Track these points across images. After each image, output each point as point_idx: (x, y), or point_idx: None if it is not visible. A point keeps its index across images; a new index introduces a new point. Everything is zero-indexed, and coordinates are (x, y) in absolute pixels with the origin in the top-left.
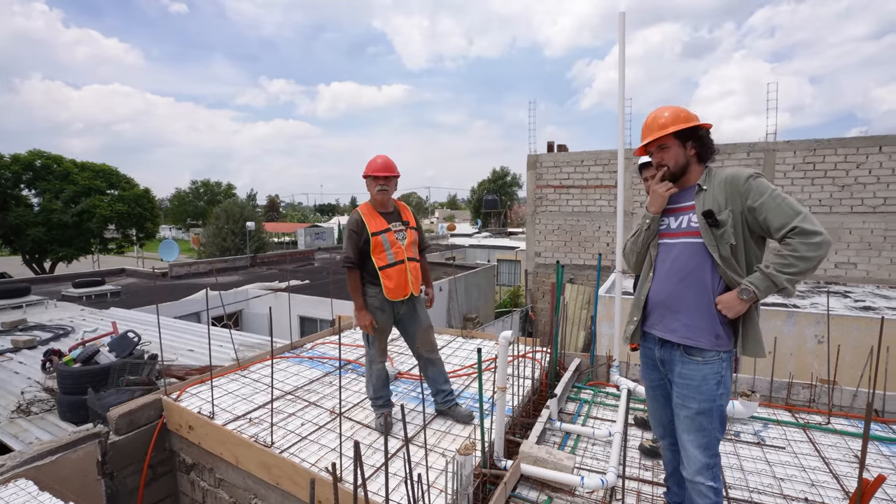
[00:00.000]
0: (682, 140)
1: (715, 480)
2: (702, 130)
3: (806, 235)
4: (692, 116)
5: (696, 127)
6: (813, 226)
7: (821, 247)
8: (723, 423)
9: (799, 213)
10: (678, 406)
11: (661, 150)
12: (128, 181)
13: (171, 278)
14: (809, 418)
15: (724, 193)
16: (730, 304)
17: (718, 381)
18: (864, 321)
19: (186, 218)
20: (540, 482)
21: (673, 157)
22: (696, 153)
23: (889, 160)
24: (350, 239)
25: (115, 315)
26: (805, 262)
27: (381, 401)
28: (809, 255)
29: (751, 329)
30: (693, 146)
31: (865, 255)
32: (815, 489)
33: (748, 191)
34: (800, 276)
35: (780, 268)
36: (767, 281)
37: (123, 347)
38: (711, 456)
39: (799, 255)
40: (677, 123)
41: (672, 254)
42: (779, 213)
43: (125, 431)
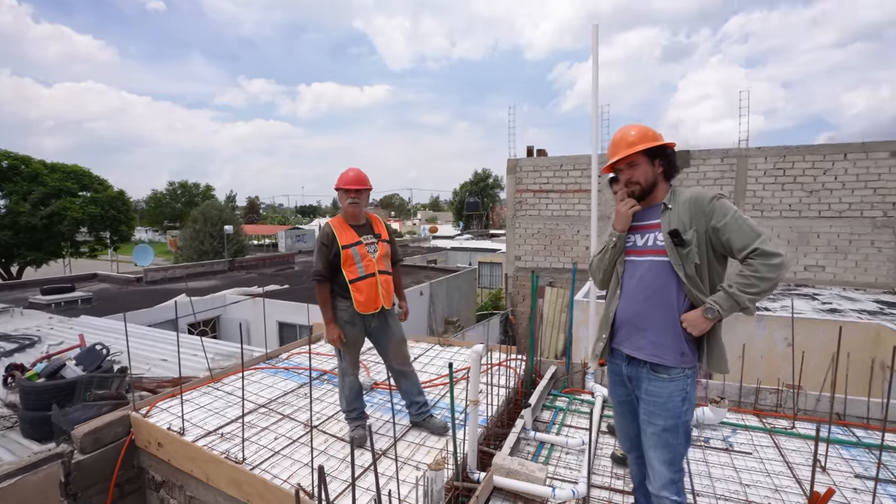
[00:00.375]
0: (651, 158)
1: (679, 495)
2: (668, 149)
3: (766, 257)
4: (659, 135)
5: (663, 145)
6: (773, 248)
7: (780, 268)
8: (688, 438)
9: (759, 235)
10: (645, 423)
11: (630, 168)
12: (101, 182)
13: (145, 283)
14: (776, 423)
15: (689, 213)
16: (695, 322)
17: (683, 398)
18: (829, 324)
19: (163, 220)
20: (513, 494)
21: (643, 174)
22: (663, 171)
23: (853, 167)
24: (320, 252)
25: (86, 323)
26: (766, 283)
27: (354, 413)
28: (770, 276)
29: (715, 345)
30: (661, 164)
31: (833, 258)
32: (778, 494)
33: (712, 211)
34: (760, 296)
35: (742, 288)
36: (731, 300)
37: (91, 360)
38: (676, 471)
39: (760, 275)
40: (646, 141)
41: (638, 272)
42: (741, 235)
43: (91, 450)
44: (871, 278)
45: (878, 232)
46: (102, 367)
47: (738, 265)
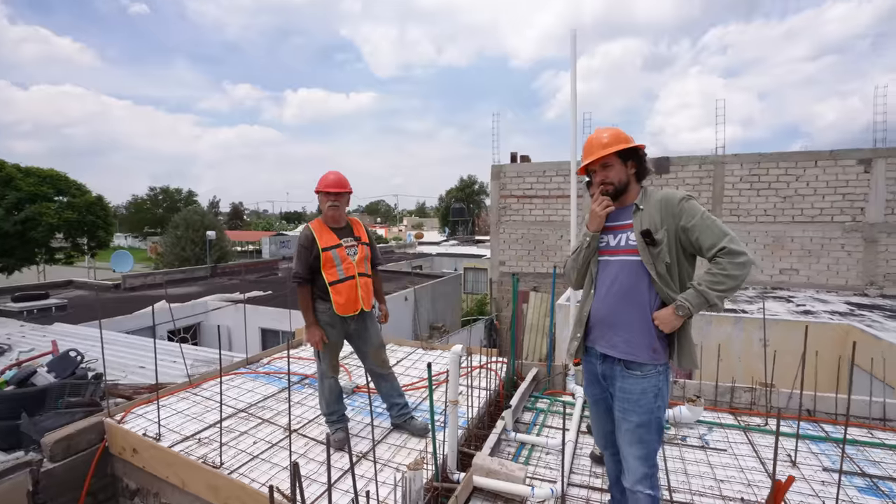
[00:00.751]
0: (624, 159)
1: (653, 489)
2: (640, 151)
3: (733, 255)
4: (630, 138)
5: (635, 147)
6: (739, 247)
7: (745, 266)
8: (660, 433)
9: (727, 234)
10: (619, 419)
11: (604, 169)
12: (78, 187)
13: (124, 290)
14: (750, 420)
15: (660, 213)
16: (666, 319)
17: (656, 394)
18: (802, 325)
19: (143, 226)
20: (493, 494)
21: (616, 175)
22: (635, 172)
23: (823, 173)
24: (300, 255)
25: (60, 331)
26: (733, 280)
27: (334, 416)
28: (736, 274)
29: (685, 343)
30: (633, 165)
31: (806, 261)
32: (750, 489)
33: (682, 212)
34: (728, 293)
35: (711, 285)
36: (700, 297)
37: (64, 367)
38: (650, 466)
39: (727, 273)
40: (619, 143)
41: (611, 271)
42: (710, 234)
43: (61, 458)
44: (841, 281)
45: (848, 236)
46: (76, 374)
47: (707, 264)
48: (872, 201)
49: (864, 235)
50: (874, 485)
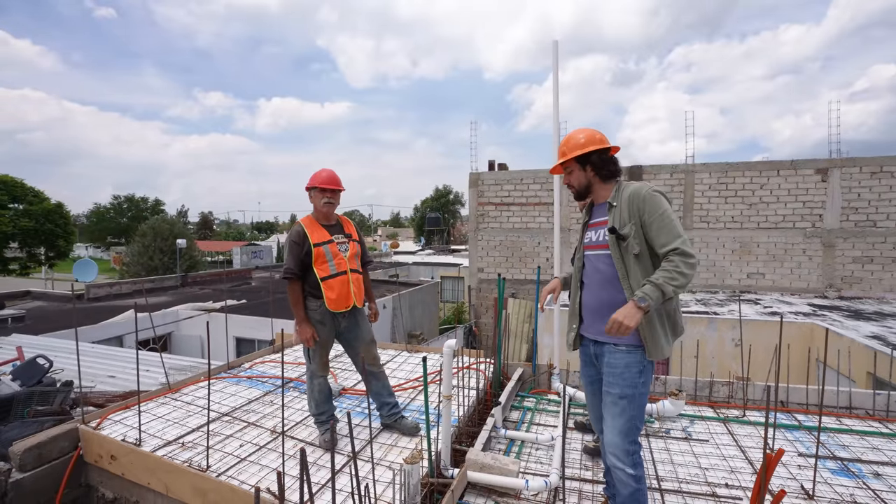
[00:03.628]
0: (582, 164)
1: (635, 468)
2: (594, 155)
3: (685, 256)
4: (589, 142)
5: (589, 153)
6: (690, 249)
7: (694, 267)
8: (642, 412)
9: (680, 236)
10: (605, 393)
11: (568, 174)
12: (36, 194)
13: (88, 300)
14: (729, 412)
15: (629, 208)
16: (629, 313)
17: (640, 370)
18: (771, 324)
19: (106, 236)
20: (487, 488)
21: (576, 179)
22: (594, 174)
23: (785, 182)
24: (291, 250)
25: (18, 342)
26: (684, 278)
27: (324, 416)
28: (688, 272)
29: (650, 334)
30: (591, 169)
31: (771, 265)
32: (733, 475)
33: (644, 206)
34: (680, 289)
35: (667, 280)
36: (658, 291)
37: (31, 375)
38: (631, 443)
39: (680, 270)
40: (574, 151)
41: (594, 264)
42: (666, 232)
43: (32, 467)
44: (804, 284)
45: (809, 241)
46: (43, 382)
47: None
48: (829, 208)
49: (823, 240)
50: (845, 466)
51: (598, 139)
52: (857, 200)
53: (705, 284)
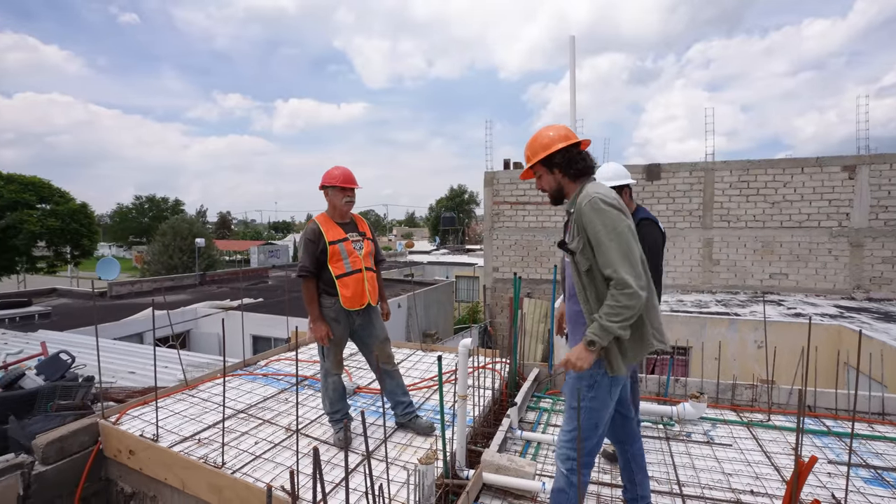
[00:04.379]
0: (549, 166)
1: (570, 472)
2: (558, 156)
3: (621, 287)
4: (553, 141)
5: (552, 154)
6: (627, 276)
7: (634, 297)
8: (591, 427)
9: (614, 262)
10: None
11: (538, 178)
12: (62, 195)
13: (110, 298)
14: (752, 416)
15: (577, 219)
16: (580, 355)
17: (591, 385)
18: (796, 326)
19: (128, 235)
20: (502, 490)
21: (546, 183)
22: (562, 175)
23: (810, 180)
24: (307, 248)
25: (44, 338)
26: (628, 310)
27: (338, 415)
28: (630, 304)
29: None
30: (559, 170)
31: (795, 265)
32: (759, 481)
33: (583, 220)
34: (627, 322)
35: (609, 317)
36: (603, 331)
37: (54, 370)
38: (572, 449)
39: (621, 304)
40: (538, 154)
41: (568, 271)
42: (602, 255)
43: (54, 460)
44: (829, 285)
45: (835, 241)
46: (66, 377)
47: None
48: (857, 207)
49: (850, 240)
50: (879, 475)
51: (562, 136)
52: (888, 198)
53: (725, 285)
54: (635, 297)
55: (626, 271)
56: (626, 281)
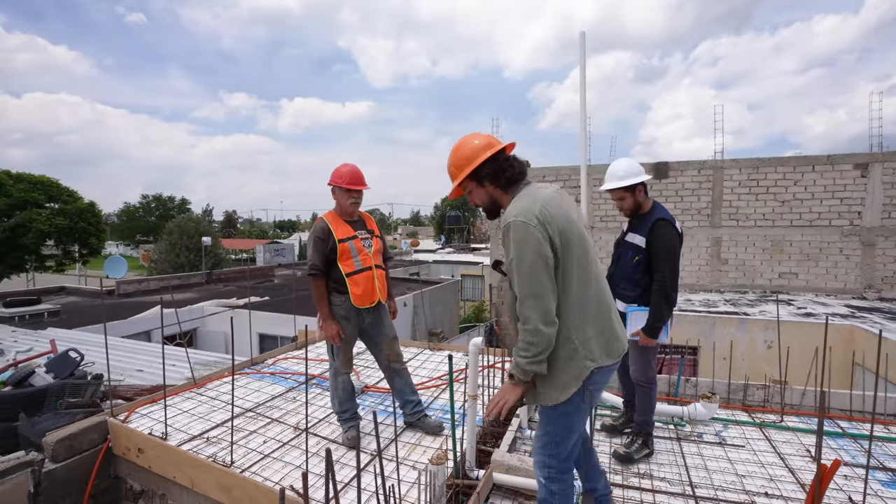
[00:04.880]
0: (478, 179)
1: (549, 481)
2: (486, 168)
3: (523, 321)
4: (476, 152)
5: (479, 166)
6: (528, 311)
7: (536, 333)
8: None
9: (520, 294)
10: None
11: (468, 193)
12: (70, 194)
13: (118, 296)
14: (765, 417)
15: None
16: (505, 392)
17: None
18: (807, 326)
19: (136, 234)
20: (513, 491)
21: (478, 197)
22: (494, 186)
23: (821, 178)
24: (316, 246)
25: (53, 336)
26: (535, 347)
27: (347, 414)
28: (533, 340)
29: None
30: (489, 182)
31: (805, 265)
32: (773, 483)
33: (504, 245)
34: (539, 357)
35: (519, 352)
36: (518, 367)
37: (64, 367)
38: (548, 455)
39: (527, 340)
40: (462, 170)
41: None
42: (515, 281)
43: (63, 458)
44: (840, 284)
45: (846, 240)
46: (75, 375)
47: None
48: (869, 205)
49: (862, 239)
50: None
51: (485, 144)
52: None
53: (734, 284)
54: (537, 333)
55: (527, 308)
56: (526, 315)
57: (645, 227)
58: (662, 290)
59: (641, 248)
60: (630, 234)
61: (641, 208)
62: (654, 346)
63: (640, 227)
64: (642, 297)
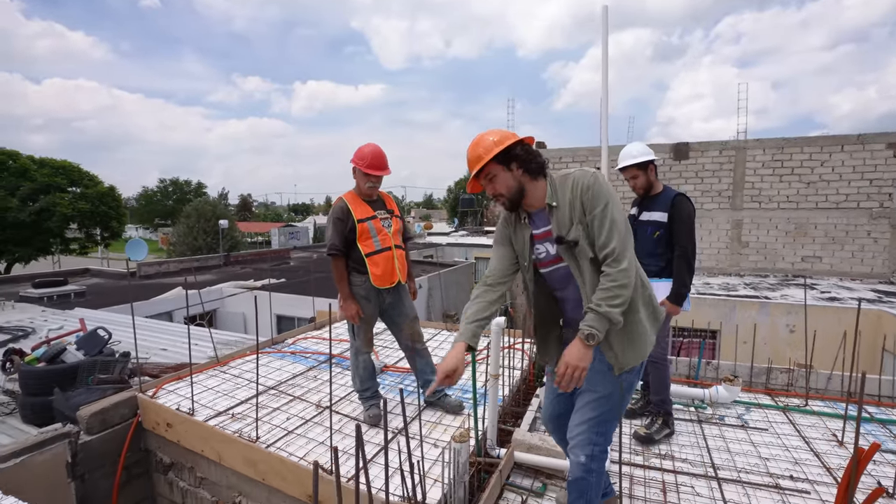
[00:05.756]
0: (506, 163)
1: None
2: (518, 148)
3: (619, 261)
4: (505, 138)
5: (509, 147)
6: (626, 252)
7: (628, 274)
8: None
9: (613, 238)
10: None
11: (490, 182)
12: (91, 178)
13: (139, 278)
14: (788, 401)
15: (570, 204)
16: (579, 354)
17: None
18: (831, 310)
19: (154, 217)
20: (534, 469)
21: (503, 183)
22: (522, 171)
23: (850, 158)
24: (336, 226)
25: (81, 316)
26: (626, 290)
27: (368, 392)
28: (625, 282)
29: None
30: (518, 166)
31: (830, 248)
32: (798, 467)
33: (589, 199)
34: (623, 307)
35: (609, 302)
36: (604, 319)
37: (93, 345)
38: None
39: (619, 283)
40: (491, 151)
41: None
42: (605, 231)
43: (97, 431)
44: (866, 268)
45: (875, 223)
46: (104, 352)
47: None
48: None
49: (892, 222)
50: None
51: (510, 134)
52: None
53: (754, 268)
54: (628, 274)
55: (625, 249)
56: (623, 255)
57: (664, 204)
58: (685, 258)
59: (662, 223)
60: (645, 213)
61: (654, 188)
62: (668, 322)
63: (659, 204)
64: (665, 270)
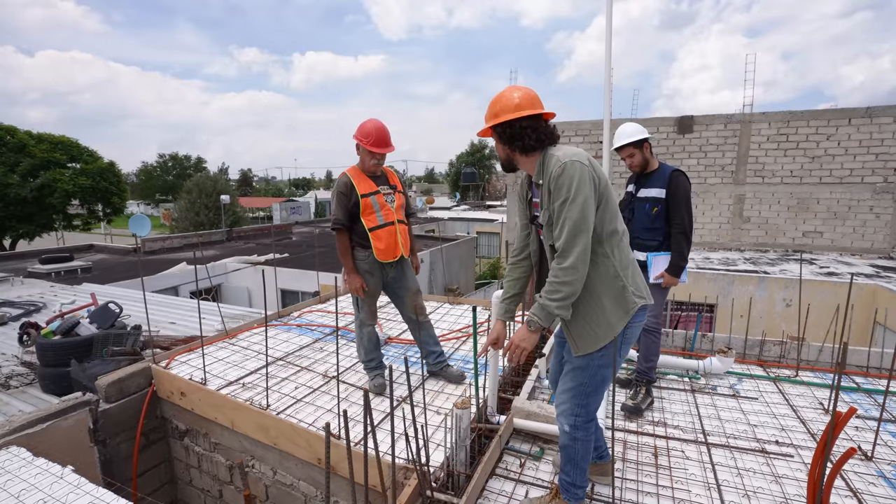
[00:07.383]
0: (500, 136)
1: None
2: (520, 123)
3: (563, 259)
4: (505, 109)
5: (501, 124)
6: (572, 248)
7: (572, 272)
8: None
9: (568, 230)
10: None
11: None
12: (90, 154)
13: (143, 254)
14: (779, 372)
15: (546, 188)
16: (523, 336)
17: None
18: (828, 285)
19: (155, 193)
20: (532, 435)
21: (498, 149)
22: (511, 147)
23: (857, 132)
24: (339, 201)
25: (89, 291)
26: (568, 286)
27: (373, 363)
28: (567, 280)
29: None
30: (507, 141)
31: (831, 223)
32: (784, 433)
33: (554, 189)
34: (567, 301)
35: (549, 296)
36: (543, 310)
37: (105, 318)
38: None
39: (559, 280)
40: (487, 122)
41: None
42: (558, 226)
43: (115, 399)
44: (867, 244)
45: (878, 198)
46: (116, 325)
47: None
48: None
49: (895, 196)
50: None
51: (514, 105)
52: None
53: (755, 243)
54: (574, 272)
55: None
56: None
57: (661, 180)
58: (682, 231)
59: (660, 198)
60: (643, 189)
61: (650, 165)
62: (666, 293)
63: (656, 180)
64: (663, 245)
